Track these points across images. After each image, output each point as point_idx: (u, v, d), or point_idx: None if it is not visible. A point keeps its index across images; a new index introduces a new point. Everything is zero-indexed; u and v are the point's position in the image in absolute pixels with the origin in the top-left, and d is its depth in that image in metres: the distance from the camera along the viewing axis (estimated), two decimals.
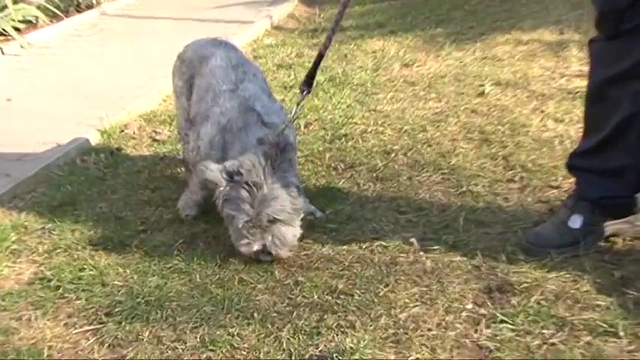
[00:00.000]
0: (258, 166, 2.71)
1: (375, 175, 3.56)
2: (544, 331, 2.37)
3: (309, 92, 2.99)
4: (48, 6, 6.98)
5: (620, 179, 2.69)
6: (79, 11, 7.46)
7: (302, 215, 2.86)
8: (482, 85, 4.51)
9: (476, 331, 2.41)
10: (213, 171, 2.76)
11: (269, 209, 2.73)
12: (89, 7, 7.60)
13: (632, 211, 2.77)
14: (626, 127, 2.60)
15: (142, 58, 5.86)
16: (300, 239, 2.92)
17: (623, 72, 2.52)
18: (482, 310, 2.50)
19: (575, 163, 2.84)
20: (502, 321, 2.43)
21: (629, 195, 2.73)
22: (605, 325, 2.36)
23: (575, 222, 2.77)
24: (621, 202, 2.74)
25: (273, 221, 2.75)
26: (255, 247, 2.79)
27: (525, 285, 2.59)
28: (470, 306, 2.54)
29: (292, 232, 2.82)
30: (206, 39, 3.46)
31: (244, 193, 2.72)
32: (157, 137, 4.30)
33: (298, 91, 3.05)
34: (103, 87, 5.19)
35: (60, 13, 7.08)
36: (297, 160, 3.25)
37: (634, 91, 2.54)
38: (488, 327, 2.42)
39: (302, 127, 4.18)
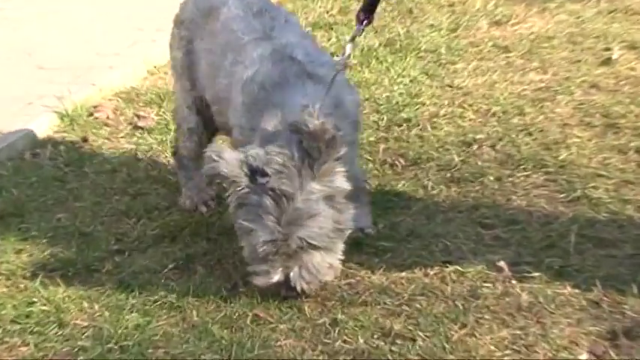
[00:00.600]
0: (290, 166, 2.70)
1: (449, 174, 3.61)
2: None
3: (369, 23, 3.00)
4: None
5: None
6: None
7: (347, 234, 2.89)
8: (609, 50, 4.52)
9: None
10: (230, 163, 2.74)
11: (302, 232, 2.71)
12: None
13: None
14: None
15: (120, 15, 6.00)
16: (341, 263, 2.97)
17: None
18: None
19: None
20: None
21: None
22: None
23: None
24: None
25: (305, 247, 2.78)
26: (275, 278, 2.82)
27: None
28: (585, 357, 2.55)
29: (329, 260, 2.84)
30: None
31: (269, 203, 2.69)
32: (141, 123, 4.42)
33: (354, 21, 3.12)
34: (64, 54, 5.32)
35: None
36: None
37: None
38: None
39: None
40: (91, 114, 4.55)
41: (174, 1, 3.59)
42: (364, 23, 3.03)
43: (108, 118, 4.51)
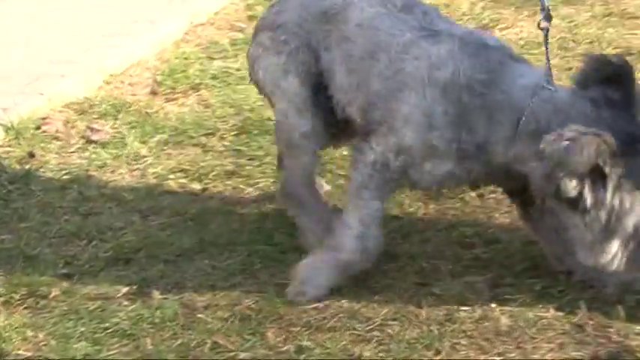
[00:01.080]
0: None
1: None
2: None
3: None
4: None
5: None
6: None
7: None
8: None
9: None
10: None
11: None
12: None
13: None
14: None
15: (75, 19, 6.02)
16: None
17: None
18: None
19: None
20: None
21: None
22: None
23: None
24: None
25: None
26: None
27: None
28: None
29: None
30: None
31: None
32: (95, 137, 4.48)
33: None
34: (10, 60, 5.34)
35: None
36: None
37: None
38: None
39: None
40: (39, 127, 4.59)
41: (133, 5, 3.62)
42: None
43: (57, 131, 4.56)
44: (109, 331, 3.06)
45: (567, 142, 2.58)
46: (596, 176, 2.60)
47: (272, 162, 4.02)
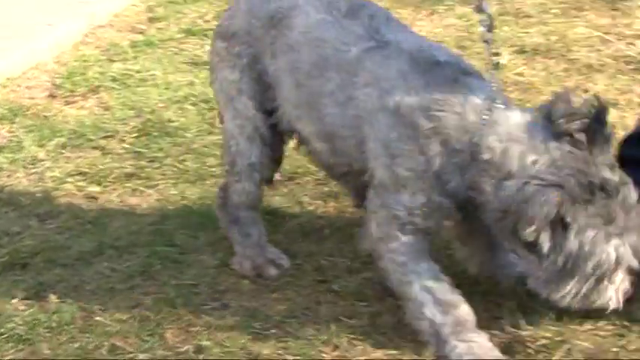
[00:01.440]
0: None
1: (326, 188, 3.72)
2: None
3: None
4: None
5: None
6: None
7: None
8: (498, 54, 4.67)
9: None
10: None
11: None
12: None
13: None
14: None
15: None
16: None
17: None
18: None
19: (630, 152, 3.06)
20: None
21: None
22: None
23: None
24: None
25: None
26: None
27: (544, 342, 2.75)
28: None
29: None
30: None
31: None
32: None
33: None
34: None
35: None
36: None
37: None
38: None
39: (218, 123, 4.33)
40: None
41: (31, 7, 3.57)
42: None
43: None
44: (4, 336, 3.01)
45: (528, 195, 2.45)
46: (556, 224, 2.46)
47: (172, 164, 4.04)
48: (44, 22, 5.69)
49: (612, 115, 3.90)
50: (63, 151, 4.28)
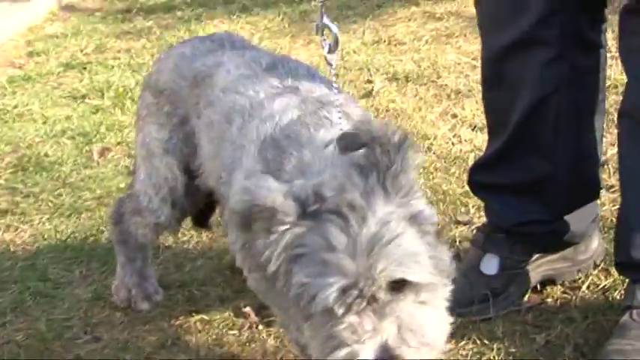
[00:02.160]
0: (352, 183, 2.07)
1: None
2: None
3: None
4: None
5: (540, 196, 2.94)
6: None
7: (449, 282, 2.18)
8: (371, 82, 4.76)
9: None
10: (274, 192, 2.05)
11: (388, 264, 1.98)
12: None
13: (564, 242, 3.02)
14: (535, 117, 2.84)
15: None
16: None
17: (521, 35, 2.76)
18: None
19: (480, 178, 3.09)
20: None
21: (555, 218, 2.98)
22: None
23: (490, 265, 2.99)
24: (547, 230, 2.98)
25: (399, 288, 2.03)
26: (366, 353, 1.98)
27: None
28: None
29: (435, 315, 2.09)
30: (191, 40, 3.15)
31: (333, 231, 2.00)
32: None
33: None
34: None
35: None
36: None
37: (540, 62, 2.79)
38: None
39: (95, 156, 4.29)
40: None
41: None
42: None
43: None
44: None
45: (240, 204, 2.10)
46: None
47: (47, 198, 3.98)
48: None
49: (477, 140, 4.04)
50: None
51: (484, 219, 3.42)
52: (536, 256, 3.02)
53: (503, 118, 2.91)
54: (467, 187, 3.63)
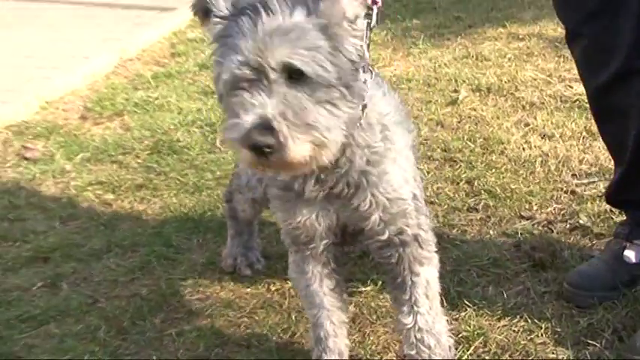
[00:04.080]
0: None
1: None
2: None
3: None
4: None
5: None
6: None
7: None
8: (457, 91, 4.82)
9: None
10: None
11: (284, 50, 2.01)
12: None
13: None
14: None
15: (21, 52, 6.13)
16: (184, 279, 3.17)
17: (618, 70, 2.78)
18: None
19: (617, 198, 3.13)
20: None
21: None
22: None
23: (631, 255, 3.04)
24: None
25: (296, 79, 2.03)
26: (248, 118, 2.01)
27: (465, 334, 2.85)
28: None
29: (325, 108, 2.07)
30: None
31: (245, 21, 2.03)
32: (28, 155, 4.56)
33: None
34: None
35: None
36: None
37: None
38: None
39: (218, 143, 4.47)
40: None
41: (72, 42, 3.67)
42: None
43: None
44: (21, 317, 3.16)
45: None
46: None
47: (176, 177, 4.15)
48: (82, 55, 5.86)
49: (545, 147, 4.07)
50: (87, 164, 4.41)
51: (545, 215, 3.50)
52: None
53: (620, 146, 2.97)
54: (532, 187, 3.72)
